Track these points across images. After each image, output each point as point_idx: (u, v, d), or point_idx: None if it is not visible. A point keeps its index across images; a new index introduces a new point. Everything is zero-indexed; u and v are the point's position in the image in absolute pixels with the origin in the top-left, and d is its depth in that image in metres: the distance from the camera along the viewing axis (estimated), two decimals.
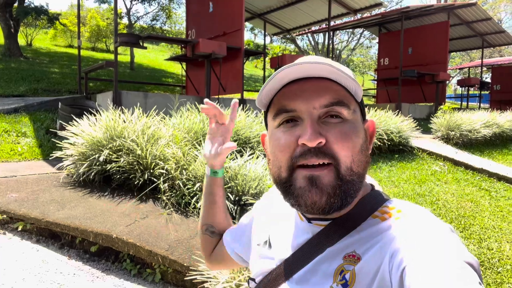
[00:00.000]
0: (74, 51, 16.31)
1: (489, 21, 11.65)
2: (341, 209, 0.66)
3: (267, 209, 0.91)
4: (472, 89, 14.28)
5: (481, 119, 8.29)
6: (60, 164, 3.88)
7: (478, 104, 14.91)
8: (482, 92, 14.94)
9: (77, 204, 3.24)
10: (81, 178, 3.69)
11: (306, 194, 0.65)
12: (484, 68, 16.59)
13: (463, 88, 14.94)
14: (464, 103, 14.84)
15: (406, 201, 0.70)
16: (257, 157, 3.65)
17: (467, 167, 6.31)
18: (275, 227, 0.83)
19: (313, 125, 0.65)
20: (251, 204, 3.16)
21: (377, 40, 15.17)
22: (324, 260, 0.68)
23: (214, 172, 1.01)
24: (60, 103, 5.70)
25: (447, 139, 7.94)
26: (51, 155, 4.23)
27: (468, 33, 13.04)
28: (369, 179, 0.78)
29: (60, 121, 5.35)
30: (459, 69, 22.01)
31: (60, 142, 3.85)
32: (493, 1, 28.10)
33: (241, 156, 3.63)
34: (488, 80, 18.73)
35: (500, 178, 5.88)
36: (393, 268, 0.56)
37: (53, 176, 3.93)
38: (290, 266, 0.72)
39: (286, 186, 0.69)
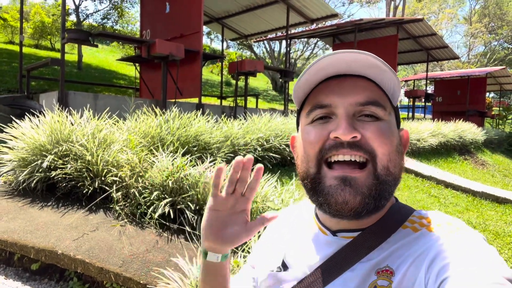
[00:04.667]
0: (15, 48, 15.10)
1: (434, 36, 12.40)
2: (373, 213, 0.63)
3: (276, 233, 0.82)
4: (417, 100, 15.07)
5: (428, 129, 8.74)
6: None
7: (423, 115, 15.79)
8: (427, 104, 15.88)
9: (15, 216, 2.88)
10: (20, 187, 3.31)
11: (337, 192, 0.61)
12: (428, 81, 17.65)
13: (409, 99, 15.74)
14: (411, 114, 15.66)
15: (434, 211, 0.67)
16: (219, 163, 3.50)
17: (417, 174, 6.57)
18: (290, 247, 0.75)
19: (348, 119, 0.62)
20: None
21: (331, 50, 15.59)
22: (356, 276, 0.62)
23: (224, 256, 0.73)
24: None
25: None
26: None
27: (415, 47, 13.80)
28: None
29: None
30: (405, 81, 23.27)
31: None
32: (435, 19, 30.18)
33: (202, 162, 3.45)
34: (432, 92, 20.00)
35: (447, 185, 6.18)
36: (430, 281, 0.54)
37: None
38: (314, 283, 0.65)
39: (314, 183, 0.64)
